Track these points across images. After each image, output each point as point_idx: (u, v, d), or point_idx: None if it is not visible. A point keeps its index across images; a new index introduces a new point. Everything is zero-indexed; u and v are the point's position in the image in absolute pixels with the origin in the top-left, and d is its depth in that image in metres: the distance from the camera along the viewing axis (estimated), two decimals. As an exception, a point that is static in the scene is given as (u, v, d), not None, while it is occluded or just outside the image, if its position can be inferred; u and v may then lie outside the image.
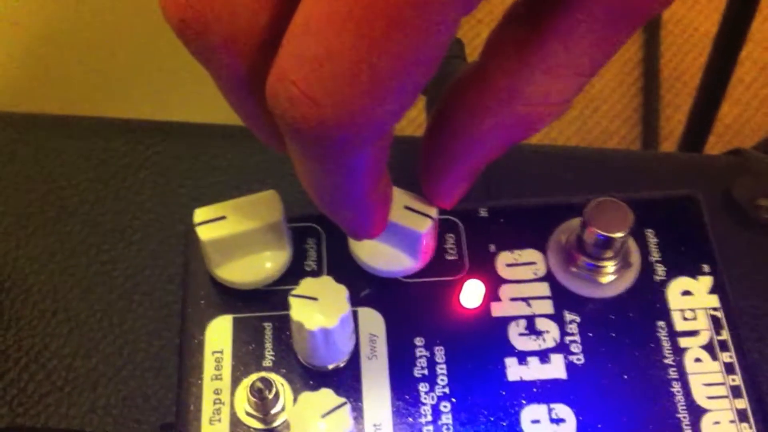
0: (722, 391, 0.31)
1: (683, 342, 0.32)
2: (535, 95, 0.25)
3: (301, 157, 0.23)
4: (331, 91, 0.20)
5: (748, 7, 0.89)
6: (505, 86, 0.25)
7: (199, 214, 0.32)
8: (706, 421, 0.31)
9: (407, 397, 0.31)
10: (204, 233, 0.32)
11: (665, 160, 0.42)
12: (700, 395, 0.31)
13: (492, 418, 0.31)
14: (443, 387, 0.31)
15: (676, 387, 0.31)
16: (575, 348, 0.32)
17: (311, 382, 0.31)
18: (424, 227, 0.31)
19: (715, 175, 0.40)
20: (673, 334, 0.32)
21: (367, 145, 0.22)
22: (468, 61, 0.43)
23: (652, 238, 0.34)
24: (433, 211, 0.31)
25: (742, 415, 0.31)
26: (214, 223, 0.32)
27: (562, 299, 0.33)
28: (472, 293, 0.33)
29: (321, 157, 0.22)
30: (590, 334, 0.32)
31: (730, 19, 0.91)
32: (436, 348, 0.32)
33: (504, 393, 0.31)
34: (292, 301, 0.30)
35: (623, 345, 0.32)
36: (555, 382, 0.31)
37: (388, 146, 0.24)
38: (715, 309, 0.33)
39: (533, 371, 0.32)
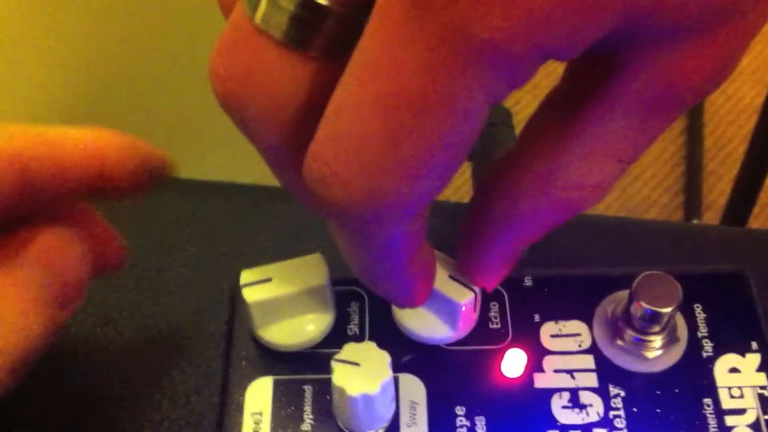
0: (770, 473, 0.30)
1: (730, 420, 0.31)
2: (571, 180, 0.25)
3: (338, 233, 0.23)
4: (361, 172, 0.21)
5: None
6: (541, 171, 0.25)
7: (246, 275, 0.32)
8: (753, 504, 0.30)
9: (447, 467, 0.31)
10: (249, 295, 0.32)
11: (712, 232, 0.41)
12: (747, 477, 0.30)
13: (533, 493, 0.30)
14: (484, 458, 0.31)
15: (723, 467, 0.31)
16: (619, 423, 0.31)
17: (350, 448, 0.31)
18: (464, 299, 0.31)
19: (762, 250, 0.39)
20: (720, 412, 0.32)
21: (399, 224, 0.22)
22: (515, 129, 0.43)
23: (700, 314, 0.34)
24: None
25: (790, 500, 0.30)
26: (259, 285, 0.32)
27: (607, 372, 0.32)
28: (514, 363, 0.32)
29: (354, 233, 0.23)
30: (635, 410, 0.32)
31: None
32: (477, 418, 0.32)
33: (546, 467, 0.31)
34: (335, 365, 0.30)
35: (668, 422, 0.31)
36: (598, 458, 0.31)
37: (424, 221, 0.24)
38: (762, 387, 0.32)
39: (576, 446, 0.31)
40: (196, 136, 0.89)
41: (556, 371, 0.33)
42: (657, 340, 0.32)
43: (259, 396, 0.32)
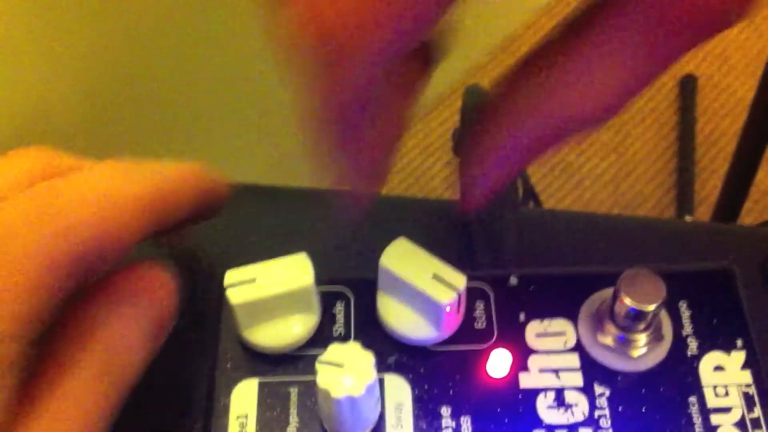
0: (755, 471, 0.30)
1: (715, 419, 0.31)
2: (572, 95, 0.24)
3: (308, 65, 0.23)
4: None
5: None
6: (542, 86, 0.25)
7: (230, 276, 0.32)
8: (738, 503, 0.30)
9: (432, 467, 0.30)
10: (234, 296, 0.31)
11: (700, 229, 0.41)
12: (732, 475, 0.30)
13: (518, 493, 0.30)
14: (469, 458, 0.31)
15: (708, 466, 0.30)
16: (604, 423, 0.31)
17: (335, 450, 0.31)
18: (447, 299, 0.31)
19: (750, 247, 0.39)
20: (705, 411, 0.31)
21: (370, 63, 0.22)
22: None
23: (685, 311, 0.34)
24: (461, 283, 0.31)
25: (775, 497, 0.30)
26: (244, 286, 0.32)
27: (592, 371, 0.32)
28: (499, 363, 0.32)
29: (327, 68, 0.23)
30: (620, 409, 0.31)
31: (767, 84, 0.90)
32: (463, 418, 0.31)
33: (531, 466, 0.30)
34: (319, 367, 0.29)
35: (654, 420, 0.31)
36: (583, 457, 0.31)
37: (401, 84, 0.25)
38: (747, 385, 0.32)
39: (561, 445, 0.31)
40: (189, 136, 0.89)
41: (541, 371, 0.32)
42: (642, 339, 0.32)
43: (244, 398, 0.32)
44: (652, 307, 0.31)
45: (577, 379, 0.32)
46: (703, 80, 1.35)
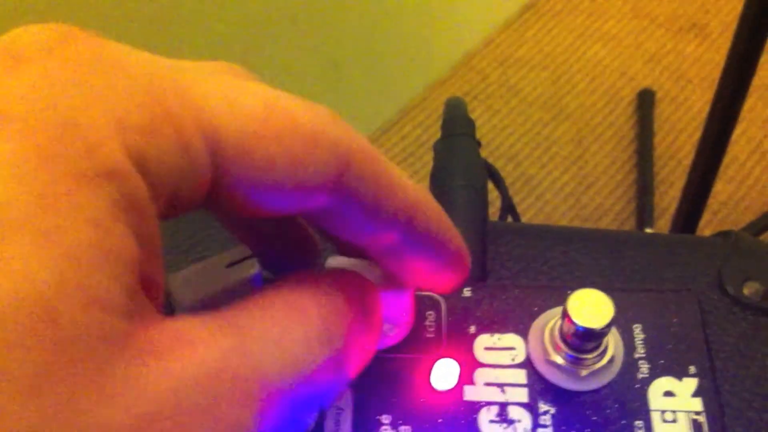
0: (696, 502, 0.27)
1: (661, 445, 0.28)
2: None
3: None
4: None
5: (740, 85, 0.84)
6: None
7: (174, 279, 0.28)
8: None
9: (367, 477, 0.27)
10: (183, 296, 0.27)
11: (658, 241, 0.37)
12: (672, 505, 0.27)
13: None
14: (405, 470, 0.27)
15: (649, 494, 0.27)
16: (547, 442, 0.27)
17: (269, 453, 0.27)
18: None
19: (706, 258, 0.35)
20: (651, 436, 0.28)
21: None
22: (478, 139, 0.38)
23: (639, 334, 0.30)
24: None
25: None
26: (191, 284, 0.27)
27: (539, 388, 0.29)
28: (444, 374, 0.29)
29: None
30: (563, 428, 0.28)
31: (723, 97, 0.86)
32: (402, 428, 0.28)
33: (468, 482, 0.27)
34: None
35: (597, 443, 0.27)
36: (522, 476, 0.27)
37: None
38: (697, 413, 0.28)
39: (501, 462, 0.27)
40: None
41: (486, 384, 0.29)
42: (591, 358, 0.29)
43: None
44: (599, 327, 0.27)
45: (523, 395, 0.29)
46: (660, 94, 1.30)
